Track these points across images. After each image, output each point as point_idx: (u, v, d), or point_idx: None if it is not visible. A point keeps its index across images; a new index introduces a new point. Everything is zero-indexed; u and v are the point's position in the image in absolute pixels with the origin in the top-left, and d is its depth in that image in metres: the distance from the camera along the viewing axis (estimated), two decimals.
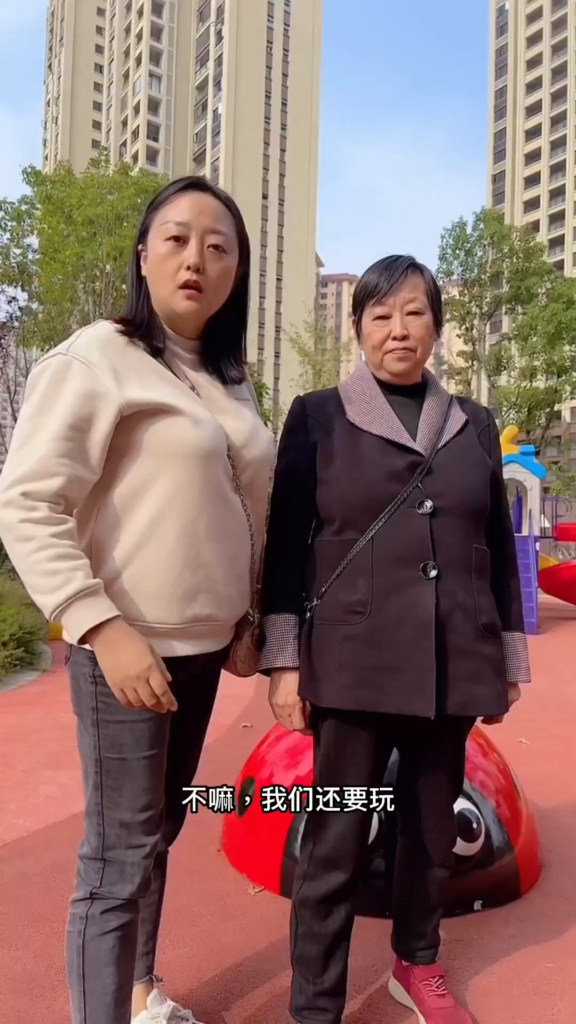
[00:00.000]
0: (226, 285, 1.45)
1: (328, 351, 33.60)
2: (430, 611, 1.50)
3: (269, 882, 2.42)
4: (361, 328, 1.65)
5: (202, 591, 1.38)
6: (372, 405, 1.62)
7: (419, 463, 1.55)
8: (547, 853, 2.75)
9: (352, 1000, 1.84)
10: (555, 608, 12.30)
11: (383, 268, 1.60)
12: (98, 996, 1.34)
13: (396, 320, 1.57)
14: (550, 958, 2.09)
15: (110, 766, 1.36)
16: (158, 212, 1.41)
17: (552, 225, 75.52)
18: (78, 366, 1.29)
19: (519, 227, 35.06)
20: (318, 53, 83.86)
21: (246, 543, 1.48)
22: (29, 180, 20.66)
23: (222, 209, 1.42)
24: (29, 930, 2.16)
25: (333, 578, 1.56)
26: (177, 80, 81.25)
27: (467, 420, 1.68)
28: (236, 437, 1.45)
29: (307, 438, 1.64)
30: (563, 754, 4.18)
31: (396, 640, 1.49)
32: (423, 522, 1.52)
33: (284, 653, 1.57)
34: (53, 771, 3.61)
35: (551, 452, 47.12)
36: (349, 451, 1.58)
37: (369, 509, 1.53)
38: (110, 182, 20.09)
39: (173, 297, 1.40)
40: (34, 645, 6.57)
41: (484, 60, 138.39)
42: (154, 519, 1.34)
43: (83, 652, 1.35)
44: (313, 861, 1.63)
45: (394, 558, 1.51)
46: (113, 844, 1.36)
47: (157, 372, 1.38)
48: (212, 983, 1.95)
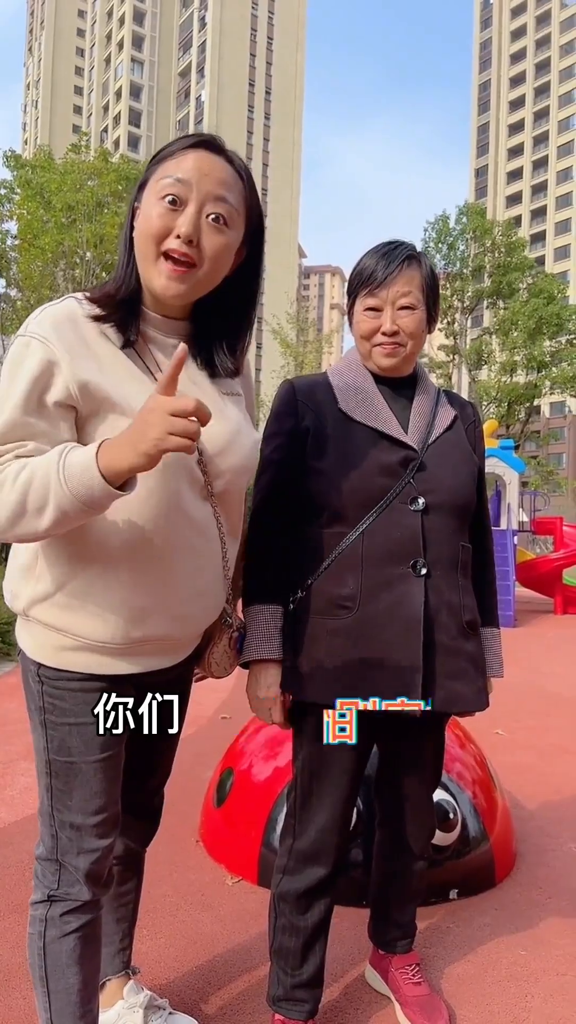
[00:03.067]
0: (222, 265, 1.27)
1: (310, 343, 33.52)
2: (419, 608, 1.49)
3: (247, 873, 2.43)
4: (353, 314, 1.60)
5: (154, 612, 1.26)
6: (364, 396, 1.58)
7: (412, 458, 1.53)
8: (522, 843, 2.79)
9: (329, 988, 1.85)
10: (531, 601, 12.44)
11: (380, 256, 1.54)
12: (63, 996, 1.31)
13: (387, 314, 1.53)
14: (524, 946, 2.12)
15: (59, 768, 1.29)
16: (159, 166, 1.24)
17: (534, 220, 75.87)
18: (36, 344, 1.17)
19: (501, 222, 35.20)
20: (302, 42, 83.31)
21: (214, 555, 1.34)
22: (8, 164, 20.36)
23: (232, 176, 1.24)
24: (5, 921, 2.15)
25: (320, 571, 1.53)
26: (159, 66, 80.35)
27: (456, 416, 1.66)
28: (211, 442, 1.29)
29: (297, 424, 1.58)
30: (539, 745, 4.23)
31: (384, 636, 1.48)
32: (415, 519, 1.51)
33: (268, 645, 1.53)
34: (29, 762, 3.58)
35: (530, 447, 47.55)
36: (341, 442, 1.54)
37: (360, 503, 1.51)
38: (90, 168, 19.86)
39: (153, 268, 1.22)
40: (11, 635, 6.51)
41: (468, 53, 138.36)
42: (102, 533, 1.20)
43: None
44: (294, 855, 1.62)
45: (384, 554, 1.49)
46: (66, 848, 1.30)
47: (117, 362, 1.22)
48: (189, 973, 1.95)
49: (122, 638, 1.25)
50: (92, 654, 1.26)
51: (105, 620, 1.23)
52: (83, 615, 1.23)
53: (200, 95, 76.40)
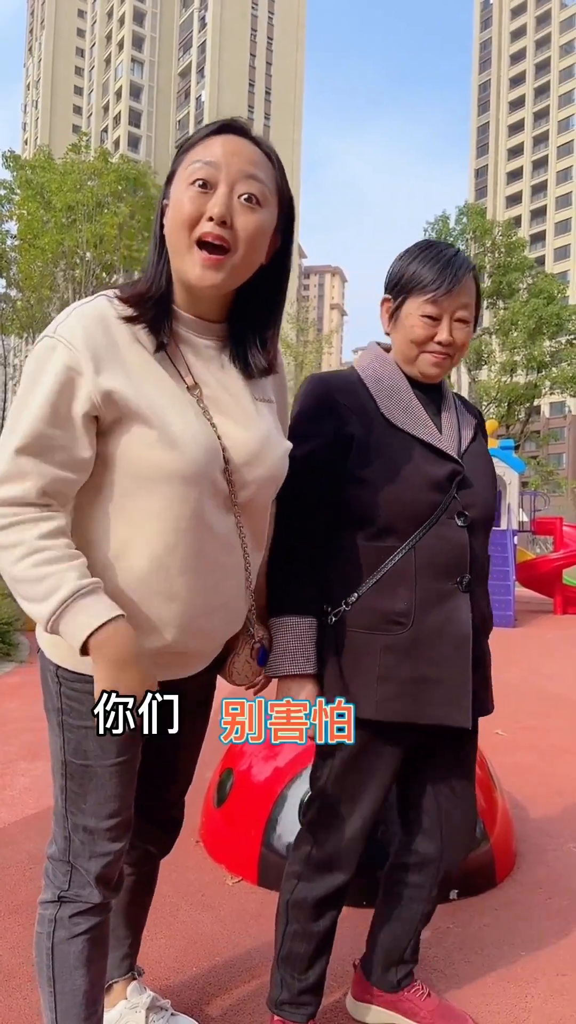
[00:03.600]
0: (257, 248, 1.21)
1: (310, 343, 33.54)
2: (468, 625, 1.50)
3: (247, 873, 2.43)
4: (399, 315, 1.54)
5: (172, 624, 1.24)
6: (405, 402, 1.54)
7: (457, 472, 1.51)
8: (522, 843, 2.79)
9: (328, 988, 1.85)
10: (531, 601, 12.43)
11: (442, 265, 1.48)
12: (69, 998, 1.30)
13: (445, 325, 1.50)
14: (524, 947, 2.12)
15: (74, 771, 1.28)
16: (186, 155, 1.20)
17: (534, 220, 75.88)
18: (62, 350, 1.14)
19: (501, 222, 35.23)
20: (302, 42, 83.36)
21: (236, 568, 1.31)
22: (8, 164, 20.35)
23: (261, 157, 1.21)
24: (6, 922, 2.15)
25: (370, 585, 1.49)
26: (159, 66, 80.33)
27: (476, 423, 1.66)
28: (238, 452, 1.25)
29: (337, 427, 1.50)
30: (539, 745, 4.23)
31: (435, 652, 1.47)
32: (462, 534, 1.50)
33: (304, 659, 1.47)
34: (29, 763, 3.58)
35: (530, 447, 47.50)
36: (389, 452, 1.49)
37: (411, 517, 1.47)
38: (90, 168, 19.85)
39: (187, 259, 1.18)
40: (11, 636, 6.52)
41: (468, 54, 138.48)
42: (123, 544, 1.19)
43: None
44: (311, 863, 1.59)
45: (435, 569, 1.48)
46: (78, 852, 1.30)
47: (147, 366, 1.19)
48: (189, 973, 1.95)
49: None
50: None
51: None
52: None
53: (200, 95, 76.42)
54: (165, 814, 1.58)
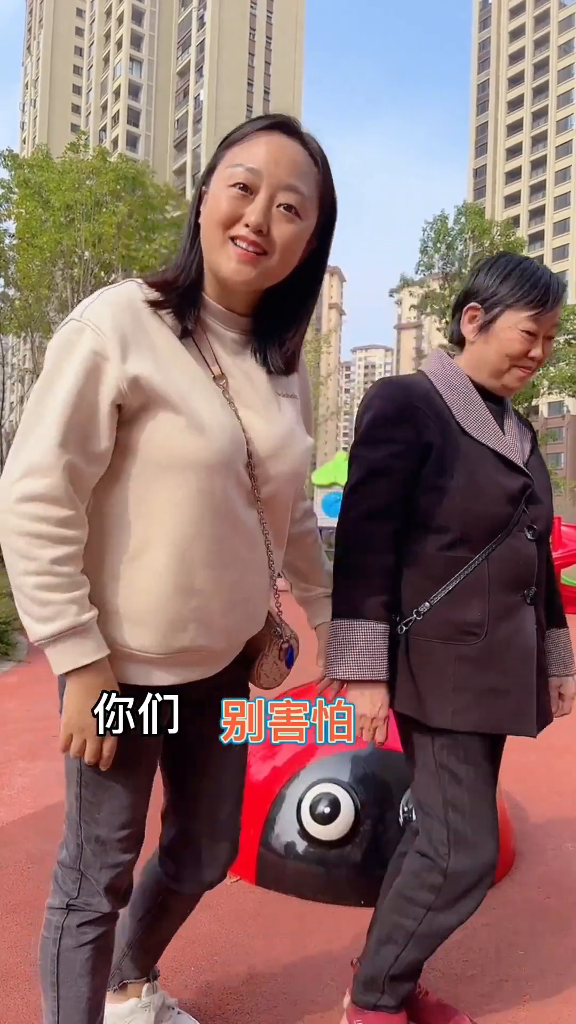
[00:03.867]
0: (292, 255, 1.20)
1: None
2: (534, 637, 1.52)
3: (245, 873, 2.43)
4: (492, 327, 1.53)
5: (194, 621, 1.21)
6: (479, 412, 1.54)
7: (528, 485, 1.53)
8: (522, 842, 2.79)
9: (327, 988, 1.85)
10: None
11: (545, 285, 1.50)
12: (72, 1004, 1.31)
13: (539, 342, 1.52)
14: (522, 946, 2.12)
15: (89, 779, 1.26)
16: (229, 151, 1.18)
17: (532, 220, 75.98)
18: (89, 333, 1.11)
19: (500, 221, 35.25)
20: (301, 42, 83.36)
21: (259, 564, 1.29)
22: (6, 163, 20.33)
23: (306, 161, 1.18)
24: (4, 921, 2.14)
25: (442, 594, 1.49)
26: (158, 65, 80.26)
27: (532, 436, 1.67)
28: (262, 445, 1.23)
29: (418, 434, 1.48)
30: (538, 744, 4.21)
31: (505, 663, 1.49)
32: (532, 547, 1.52)
33: (379, 665, 1.46)
34: (27, 762, 3.58)
35: None
36: (466, 462, 1.49)
37: (488, 529, 1.48)
38: (89, 167, 19.83)
39: (222, 253, 1.16)
40: (9, 636, 6.50)
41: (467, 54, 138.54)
42: (145, 537, 1.17)
43: None
44: (444, 894, 1.54)
45: (505, 581, 1.49)
46: (89, 862, 1.30)
47: (175, 352, 1.17)
48: (188, 973, 1.95)
49: (160, 647, 1.20)
50: (129, 663, 1.22)
51: (146, 627, 1.19)
52: (123, 621, 1.20)
53: (199, 94, 76.38)
54: (221, 832, 1.48)
